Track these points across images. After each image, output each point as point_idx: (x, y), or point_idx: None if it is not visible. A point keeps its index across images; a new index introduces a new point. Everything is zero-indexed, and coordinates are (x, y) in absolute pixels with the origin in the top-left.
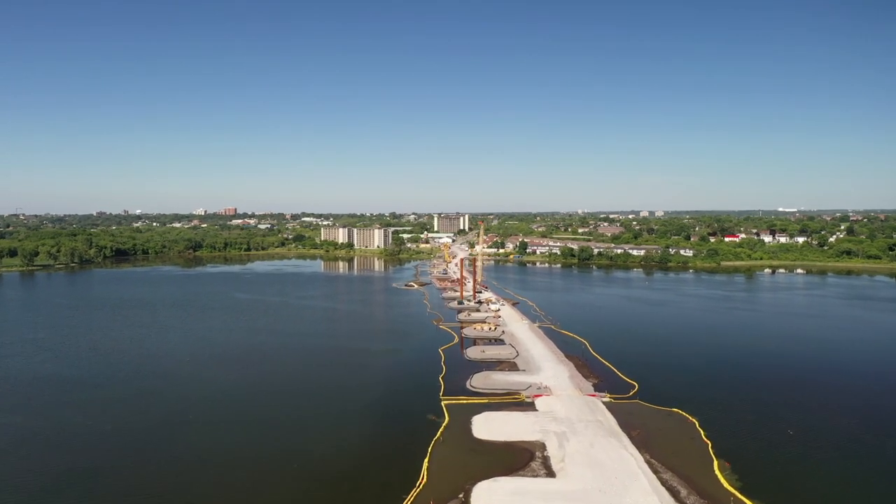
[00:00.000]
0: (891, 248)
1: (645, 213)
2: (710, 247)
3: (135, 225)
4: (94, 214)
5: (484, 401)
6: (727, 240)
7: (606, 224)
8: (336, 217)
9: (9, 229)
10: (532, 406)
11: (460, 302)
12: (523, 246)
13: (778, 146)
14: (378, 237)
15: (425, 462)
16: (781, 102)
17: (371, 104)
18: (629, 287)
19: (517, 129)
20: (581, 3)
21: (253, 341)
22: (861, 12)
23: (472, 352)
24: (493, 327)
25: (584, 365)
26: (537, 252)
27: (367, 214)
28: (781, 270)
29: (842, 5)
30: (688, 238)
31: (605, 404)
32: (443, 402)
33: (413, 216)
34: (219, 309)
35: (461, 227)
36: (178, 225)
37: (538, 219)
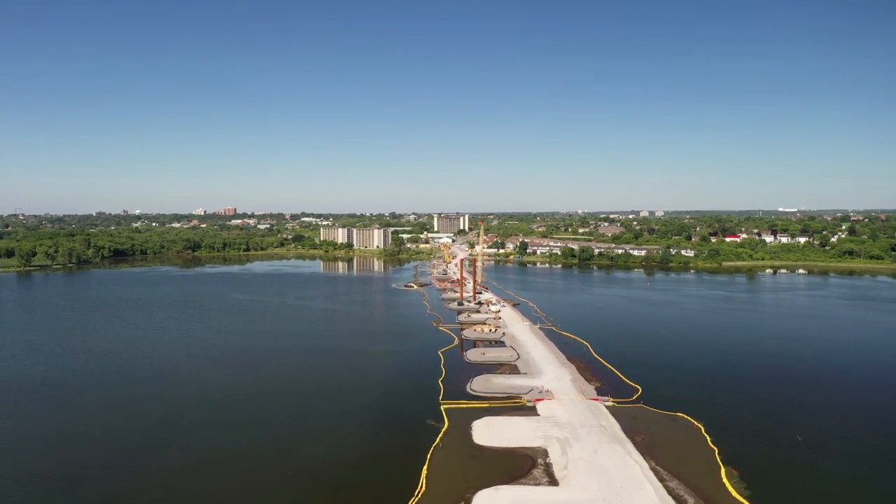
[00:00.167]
0: (893, 249)
1: (645, 213)
2: (711, 247)
3: (134, 225)
4: (94, 214)
5: (484, 405)
6: (728, 240)
7: (607, 224)
8: (336, 217)
9: (7, 229)
10: (534, 410)
11: (460, 303)
12: (523, 246)
13: (778, 146)
14: (377, 237)
15: (424, 469)
16: (781, 102)
17: (371, 104)
18: (630, 287)
19: (517, 129)
20: (581, 3)
21: (250, 343)
22: (861, 12)
23: (473, 354)
24: (493, 329)
25: (586, 368)
26: (537, 252)
27: (367, 214)
28: (783, 271)
29: (842, 5)
30: (689, 238)
31: (609, 408)
32: (442, 407)
33: (413, 216)
34: (216, 310)
35: (461, 228)
36: (177, 225)
37: (538, 219)
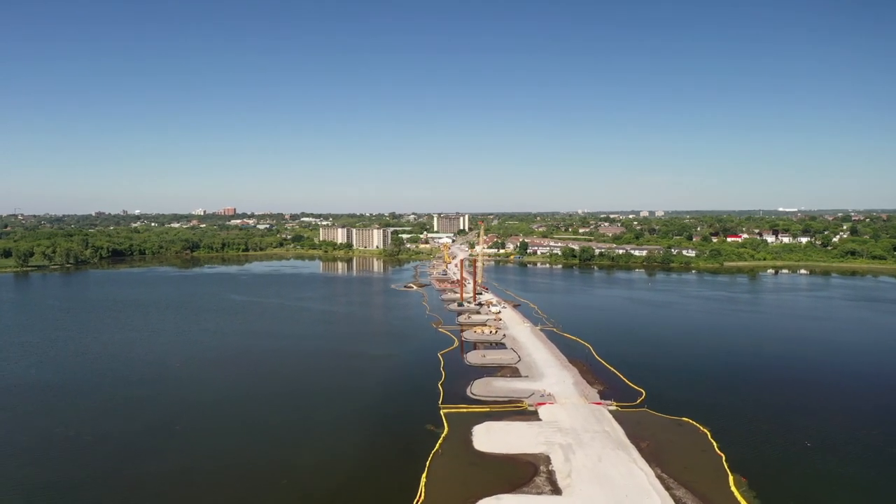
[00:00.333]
0: (895, 249)
1: (645, 213)
2: (712, 247)
3: (133, 225)
4: (94, 215)
5: (485, 409)
6: (730, 240)
7: (607, 224)
8: (335, 217)
9: (6, 230)
10: (535, 415)
11: (460, 304)
12: (524, 246)
13: (778, 146)
14: (377, 237)
15: (423, 477)
16: (781, 102)
17: (371, 104)
18: (631, 288)
19: (517, 129)
20: (581, 3)
21: (247, 345)
22: (861, 12)
23: (473, 356)
24: (493, 330)
25: (588, 370)
26: (538, 252)
27: (367, 214)
28: (784, 271)
29: (842, 5)
30: (690, 238)
31: (612, 413)
32: (442, 411)
33: (413, 216)
34: (213, 311)
35: (461, 228)
36: (176, 225)
37: (538, 219)
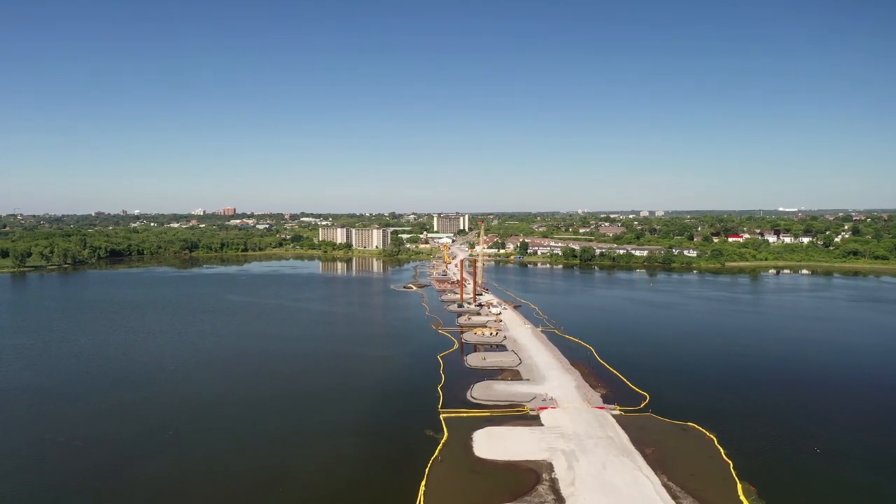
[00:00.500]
0: None
1: (645, 213)
2: (714, 247)
3: (132, 225)
4: (93, 215)
5: (486, 414)
6: (731, 240)
7: (608, 224)
8: (335, 217)
9: (5, 230)
10: (537, 420)
11: (460, 305)
12: (524, 246)
13: (778, 146)
14: (376, 237)
15: (422, 486)
16: (782, 102)
17: (371, 104)
18: (633, 289)
19: (517, 129)
20: (581, 3)
21: (244, 347)
22: (861, 12)
23: (473, 359)
24: (494, 332)
25: (590, 373)
26: (538, 253)
27: (367, 214)
28: (786, 271)
29: (842, 5)
30: (691, 238)
31: (616, 418)
32: (441, 416)
33: (413, 216)
34: (211, 312)
35: (461, 228)
36: (175, 225)
37: (538, 219)
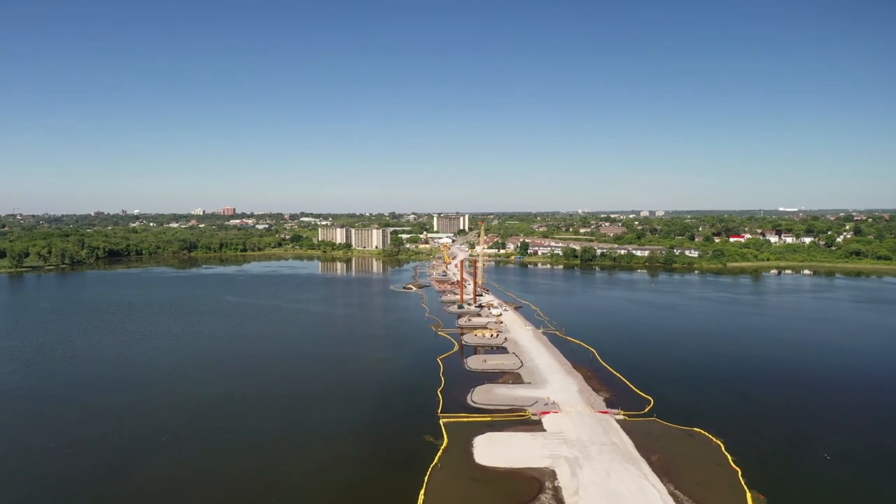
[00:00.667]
0: None
1: (645, 213)
2: (715, 247)
3: (131, 225)
4: (92, 214)
5: (486, 419)
6: (732, 240)
7: (608, 224)
8: (335, 217)
9: (3, 230)
10: (539, 425)
11: (460, 306)
12: (524, 247)
13: (778, 146)
14: (376, 237)
15: (421, 494)
16: (782, 102)
17: (370, 104)
18: (634, 289)
19: (517, 129)
20: (581, 3)
21: (240, 349)
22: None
23: (473, 361)
24: (494, 334)
25: (593, 377)
26: (539, 253)
27: (367, 214)
28: (788, 271)
29: (842, 5)
30: (692, 238)
31: (619, 423)
32: (441, 421)
33: (413, 216)
34: (208, 313)
35: (461, 228)
36: (175, 225)
37: (538, 219)
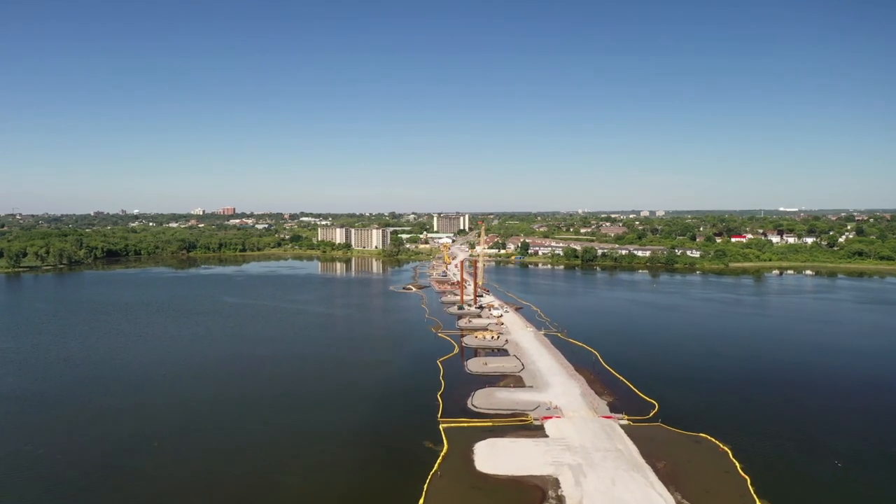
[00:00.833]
0: None
1: (646, 213)
2: (717, 247)
3: (131, 225)
4: (92, 214)
5: (487, 424)
6: (734, 240)
7: (609, 224)
8: (335, 217)
9: (2, 229)
10: (541, 430)
11: (460, 307)
12: (525, 247)
13: (778, 146)
14: (376, 237)
15: (420, 503)
16: (782, 102)
17: (370, 104)
18: (636, 290)
19: (517, 129)
20: (581, 3)
21: (237, 351)
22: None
23: (474, 364)
24: (495, 336)
25: (596, 380)
26: (539, 253)
27: (367, 214)
28: (789, 272)
29: (842, 5)
30: (693, 238)
31: (624, 428)
32: (441, 426)
33: (413, 216)
34: (205, 314)
35: (461, 227)
36: (174, 225)
37: (539, 219)
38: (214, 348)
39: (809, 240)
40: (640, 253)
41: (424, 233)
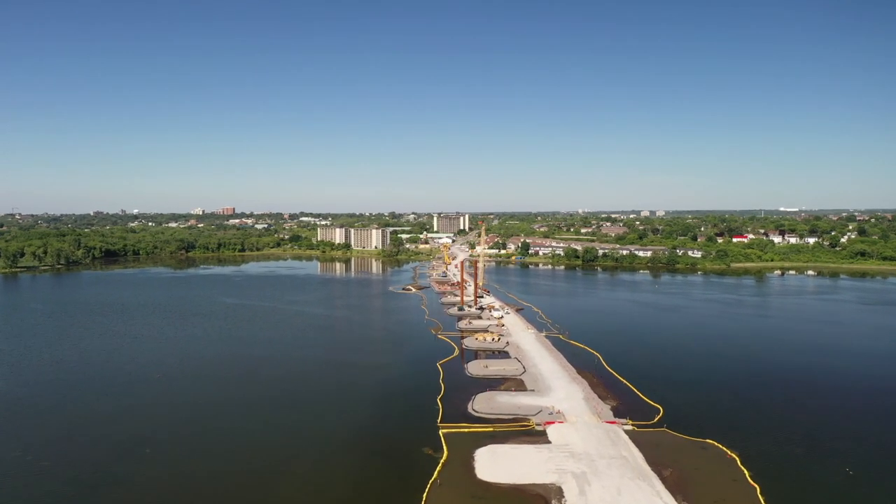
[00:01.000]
0: None
1: (646, 213)
2: (719, 248)
3: (130, 225)
4: (91, 214)
5: (488, 429)
6: (735, 240)
7: (609, 224)
8: (335, 217)
9: (1, 229)
10: (544, 436)
11: (460, 308)
12: (525, 247)
13: (778, 146)
14: (375, 237)
15: None
16: (782, 102)
17: (370, 104)
18: (637, 290)
19: (517, 129)
20: (581, 3)
21: (233, 353)
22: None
23: (474, 367)
24: (496, 338)
25: (599, 383)
26: (540, 253)
27: (367, 214)
28: (791, 272)
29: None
30: (694, 239)
31: (628, 433)
32: (441, 431)
33: (413, 216)
34: (202, 315)
35: (461, 227)
36: (174, 225)
37: (539, 219)
38: (211, 351)
39: (811, 240)
40: (641, 253)
41: (424, 233)
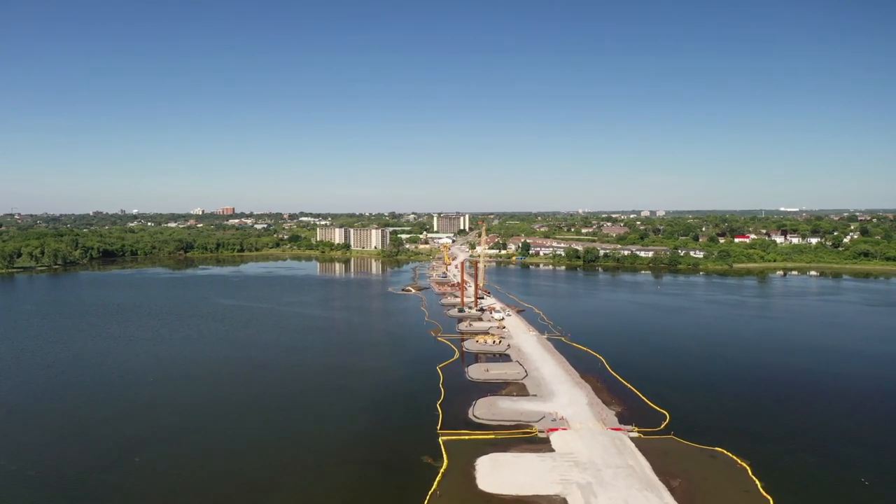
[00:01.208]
0: None
1: (646, 213)
2: (721, 248)
3: (129, 225)
4: (91, 214)
5: (490, 436)
6: (737, 241)
7: (610, 224)
8: (334, 217)
9: (0, 229)
10: (547, 444)
11: (461, 309)
12: (526, 247)
13: (779, 146)
14: (375, 238)
15: None
16: (782, 102)
17: (371, 103)
18: (639, 291)
19: (517, 129)
20: (581, 3)
21: (229, 357)
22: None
23: (475, 371)
24: (497, 340)
25: (602, 388)
26: (540, 253)
27: (366, 214)
28: (794, 272)
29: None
30: (696, 239)
31: (634, 441)
32: (441, 439)
33: (412, 216)
34: (199, 317)
35: (461, 227)
36: (173, 225)
37: (539, 219)
38: (206, 354)
39: (814, 240)
40: (642, 253)
41: (424, 233)
